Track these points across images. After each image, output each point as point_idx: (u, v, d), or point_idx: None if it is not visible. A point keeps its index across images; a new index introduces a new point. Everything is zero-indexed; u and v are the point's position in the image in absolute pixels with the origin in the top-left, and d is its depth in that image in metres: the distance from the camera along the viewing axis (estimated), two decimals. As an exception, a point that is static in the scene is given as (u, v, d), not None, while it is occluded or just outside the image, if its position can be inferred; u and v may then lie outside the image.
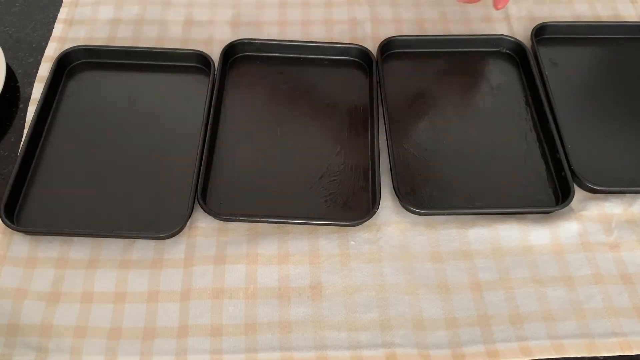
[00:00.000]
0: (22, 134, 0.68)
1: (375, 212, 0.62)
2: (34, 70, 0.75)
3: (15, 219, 0.62)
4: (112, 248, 0.61)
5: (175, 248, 0.61)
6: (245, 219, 0.62)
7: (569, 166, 0.65)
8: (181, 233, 0.62)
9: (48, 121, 0.69)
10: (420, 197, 0.64)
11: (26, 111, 0.71)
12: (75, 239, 0.61)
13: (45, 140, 0.68)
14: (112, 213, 0.63)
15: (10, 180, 0.63)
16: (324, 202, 0.64)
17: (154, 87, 0.74)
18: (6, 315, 0.57)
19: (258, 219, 0.62)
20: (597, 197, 0.65)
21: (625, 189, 0.65)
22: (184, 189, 0.63)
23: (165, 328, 0.56)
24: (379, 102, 0.70)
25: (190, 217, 0.62)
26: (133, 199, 0.64)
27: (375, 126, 0.68)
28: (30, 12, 0.82)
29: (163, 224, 0.61)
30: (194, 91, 0.72)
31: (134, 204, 0.64)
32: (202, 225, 0.63)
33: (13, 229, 0.61)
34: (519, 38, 0.77)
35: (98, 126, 0.70)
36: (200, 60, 0.74)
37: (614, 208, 0.64)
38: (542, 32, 0.77)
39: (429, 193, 0.65)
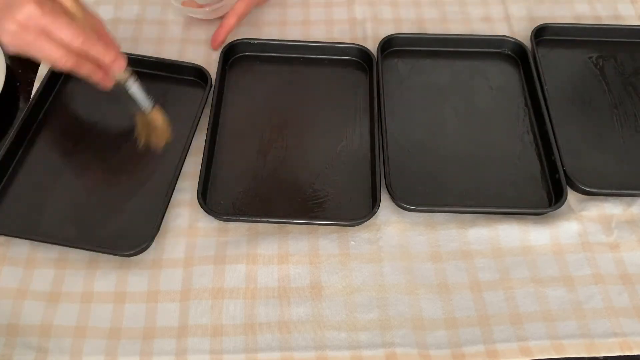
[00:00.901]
0: (22, 134, 0.68)
1: (375, 212, 0.62)
2: (34, 71, 0.75)
3: None
4: (112, 248, 0.61)
5: (175, 248, 0.61)
6: (245, 219, 0.62)
7: (563, 168, 0.65)
8: (181, 233, 0.62)
9: (38, 121, 0.69)
10: (414, 195, 0.64)
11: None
12: (76, 239, 0.61)
13: (33, 140, 0.68)
14: (108, 214, 0.62)
15: None
16: (324, 202, 0.64)
17: (154, 87, 0.73)
18: (6, 315, 0.57)
19: (258, 219, 0.62)
20: (597, 198, 0.65)
21: (617, 191, 0.65)
22: (184, 189, 0.63)
23: (165, 328, 0.56)
24: (379, 101, 0.70)
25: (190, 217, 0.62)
26: (133, 198, 0.64)
27: (376, 126, 0.68)
28: (30, 12, 0.81)
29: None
30: (193, 92, 0.72)
31: (134, 203, 0.64)
32: (202, 225, 0.62)
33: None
34: (518, 38, 0.77)
35: (98, 126, 0.70)
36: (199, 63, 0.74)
37: (613, 208, 0.64)
38: (542, 34, 0.77)
39: (424, 191, 0.65)
